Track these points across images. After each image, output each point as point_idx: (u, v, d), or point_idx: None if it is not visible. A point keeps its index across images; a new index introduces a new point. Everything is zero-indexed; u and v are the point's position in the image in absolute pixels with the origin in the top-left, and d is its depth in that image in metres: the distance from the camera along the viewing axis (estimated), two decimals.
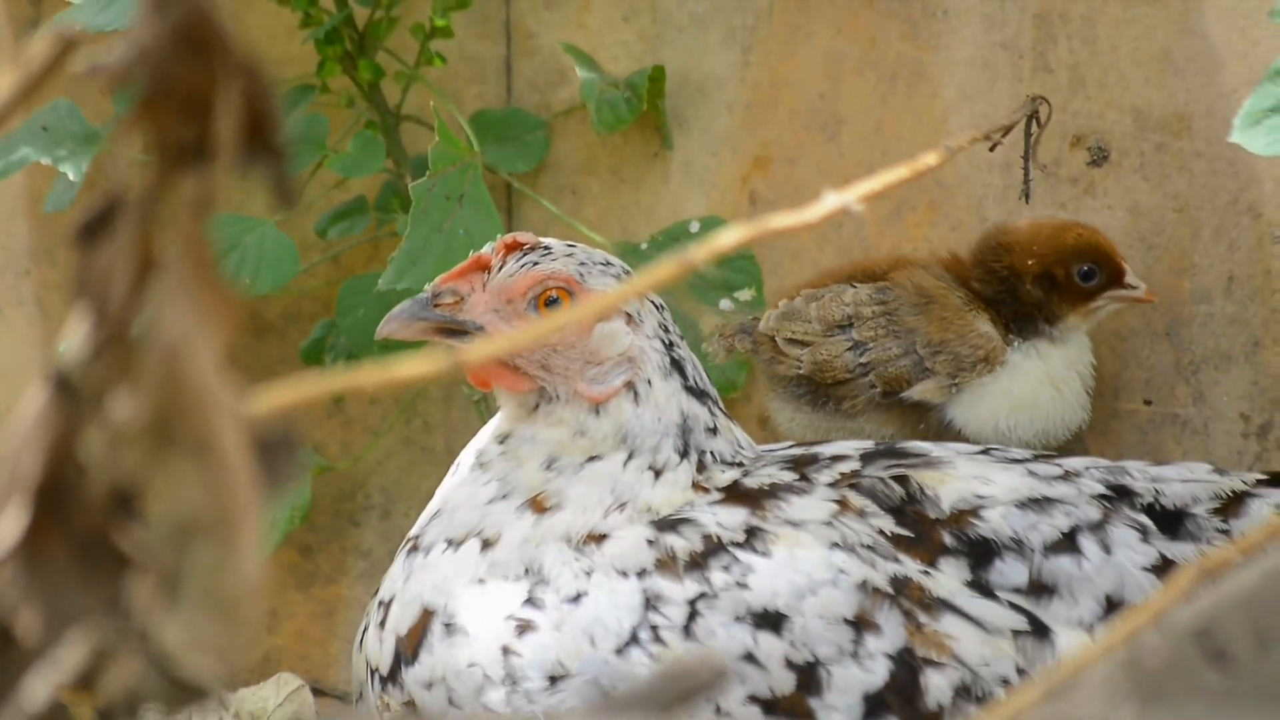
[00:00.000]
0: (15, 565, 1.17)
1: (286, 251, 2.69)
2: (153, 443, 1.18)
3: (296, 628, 2.98)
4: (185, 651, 1.18)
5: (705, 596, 2.16)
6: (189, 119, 1.18)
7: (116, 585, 1.18)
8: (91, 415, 1.18)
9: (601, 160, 2.89)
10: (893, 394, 2.51)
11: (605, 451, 2.25)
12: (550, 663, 2.15)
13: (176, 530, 1.19)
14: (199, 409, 1.19)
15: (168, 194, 1.18)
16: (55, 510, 1.18)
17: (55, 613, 1.17)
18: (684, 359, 2.30)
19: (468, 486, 2.28)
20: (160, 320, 1.18)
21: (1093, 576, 2.20)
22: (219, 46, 1.18)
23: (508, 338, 2.17)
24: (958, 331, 2.51)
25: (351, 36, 2.82)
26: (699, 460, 2.26)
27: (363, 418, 2.97)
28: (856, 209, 1.63)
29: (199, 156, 1.18)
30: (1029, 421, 2.51)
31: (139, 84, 1.17)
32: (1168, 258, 2.63)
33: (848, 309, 2.53)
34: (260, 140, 1.19)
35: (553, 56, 2.88)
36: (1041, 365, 2.53)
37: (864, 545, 2.19)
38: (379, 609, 2.26)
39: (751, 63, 2.82)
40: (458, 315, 2.26)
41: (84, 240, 1.17)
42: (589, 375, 2.26)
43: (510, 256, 2.27)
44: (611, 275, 2.28)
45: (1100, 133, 2.65)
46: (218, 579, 1.19)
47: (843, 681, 2.13)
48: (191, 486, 1.19)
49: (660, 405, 2.26)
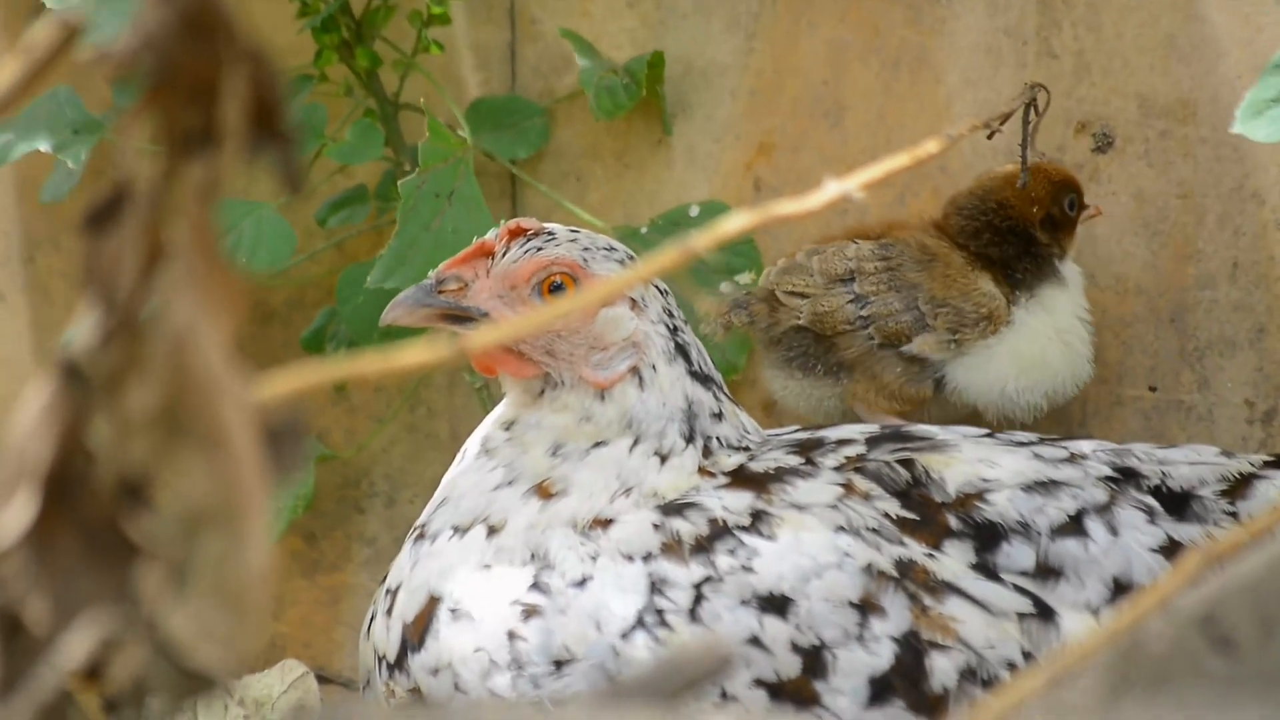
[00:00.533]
0: (24, 554, 1.17)
1: (283, 234, 2.69)
2: (161, 432, 1.18)
3: (301, 615, 2.98)
4: (193, 641, 1.18)
5: (710, 580, 2.16)
6: (195, 106, 1.18)
7: (124, 574, 1.18)
8: (100, 404, 1.18)
9: (605, 147, 2.89)
10: (890, 347, 2.52)
11: (610, 437, 2.25)
12: (556, 647, 2.15)
13: (184, 519, 1.19)
14: (207, 398, 1.18)
15: (175, 181, 1.18)
16: (64, 499, 1.18)
17: (63, 601, 1.17)
18: (688, 344, 2.30)
19: (473, 474, 2.28)
20: (168, 309, 1.18)
21: (1100, 559, 2.19)
22: (225, 33, 1.18)
23: (512, 324, 2.16)
24: (960, 289, 2.52)
25: (348, 25, 2.81)
26: (705, 445, 2.26)
27: (367, 405, 2.97)
28: (858, 196, 1.63)
29: (206, 143, 1.18)
30: (1040, 383, 2.53)
31: (145, 71, 1.17)
32: (1172, 244, 2.63)
33: (850, 263, 2.55)
34: (267, 126, 1.19)
35: (557, 43, 2.87)
36: (1048, 320, 2.54)
37: (869, 529, 2.19)
38: (386, 596, 2.26)
39: (755, 49, 2.81)
40: (462, 301, 2.25)
41: (92, 229, 1.17)
42: (594, 361, 2.26)
43: (514, 242, 2.27)
44: (615, 260, 2.28)
45: (1105, 119, 2.65)
46: (225, 568, 1.19)
47: (848, 664, 2.13)
48: (199, 475, 1.19)
49: (665, 390, 2.26)
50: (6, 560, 1.17)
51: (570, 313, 2.17)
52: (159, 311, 1.18)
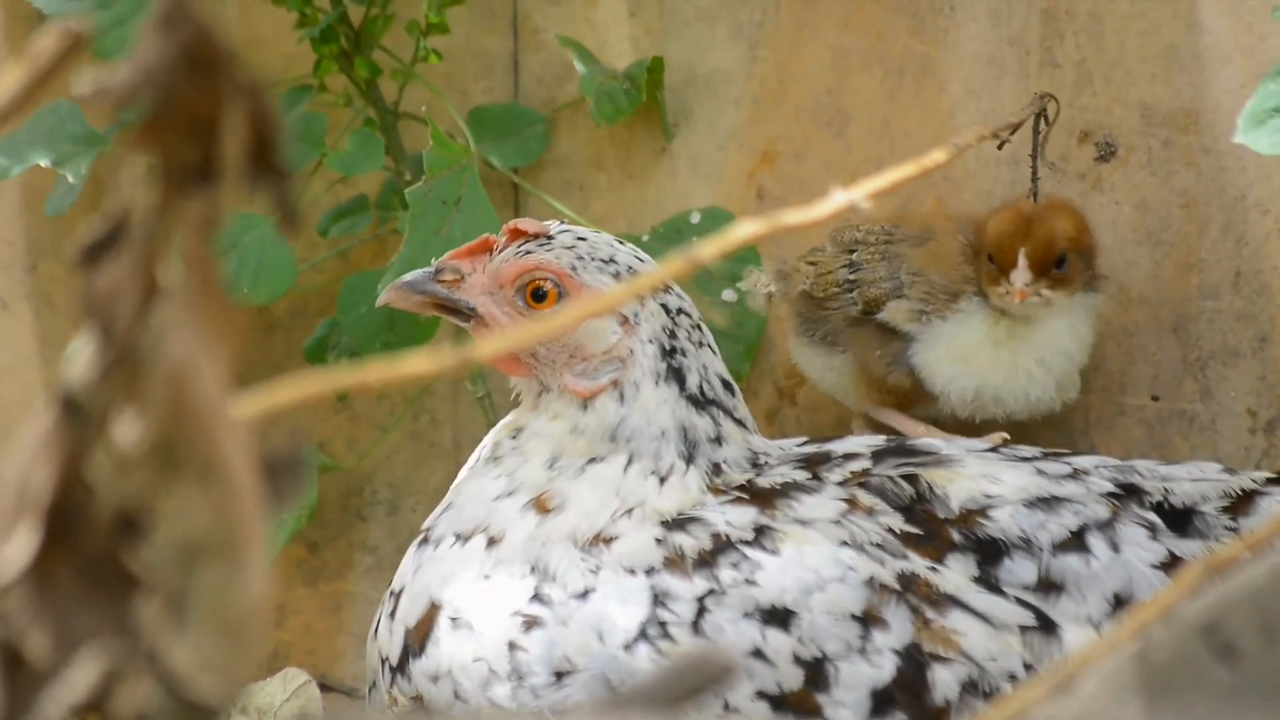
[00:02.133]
0: (26, 587, 1.17)
1: (284, 257, 2.69)
2: (159, 464, 1.18)
3: (303, 623, 2.99)
4: (193, 672, 1.19)
5: (714, 593, 2.16)
6: (194, 140, 1.18)
7: (125, 606, 1.18)
8: (99, 436, 1.18)
9: (608, 155, 2.89)
10: (870, 314, 2.55)
11: (602, 453, 2.25)
12: (557, 658, 2.15)
13: (183, 551, 1.19)
14: (205, 430, 1.19)
15: (173, 215, 1.18)
16: (64, 532, 1.18)
17: (64, 634, 1.17)
18: (686, 367, 2.29)
19: (478, 480, 2.29)
20: (166, 341, 1.18)
21: (1101, 575, 2.20)
22: (223, 67, 1.18)
23: (510, 334, 2.17)
24: (942, 267, 2.54)
25: (347, 35, 2.81)
26: (712, 467, 2.26)
27: (369, 414, 2.97)
28: (864, 206, 1.63)
29: (204, 177, 1.18)
30: (963, 377, 2.54)
31: (144, 105, 1.17)
32: (1175, 253, 2.63)
33: (858, 234, 2.60)
34: (264, 161, 1.19)
35: (560, 52, 2.87)
36: (987, 322, 2.53)
37: (872, 543, 2.19)
38: (390, 599, 2.28)
39: (758, 58, 2.81)
40: (454, 294, 2.28)
41: (89, 262, 1.17)
42: (575, 369, 2.27)
43: (513, 242, 2.28)
44: (609, 274, 2.28)
45: (1107, 128, 2.65)
46: (224, 599, 1.19)
47: (850, 677, 2.13)
48: (198, 507, 1.19)
49: (649, 410, 2.26)
50: (8, 594, 1.17)
51: (557, 328, 2.17)
52: (157, 344, 1.18)
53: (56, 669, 1.17)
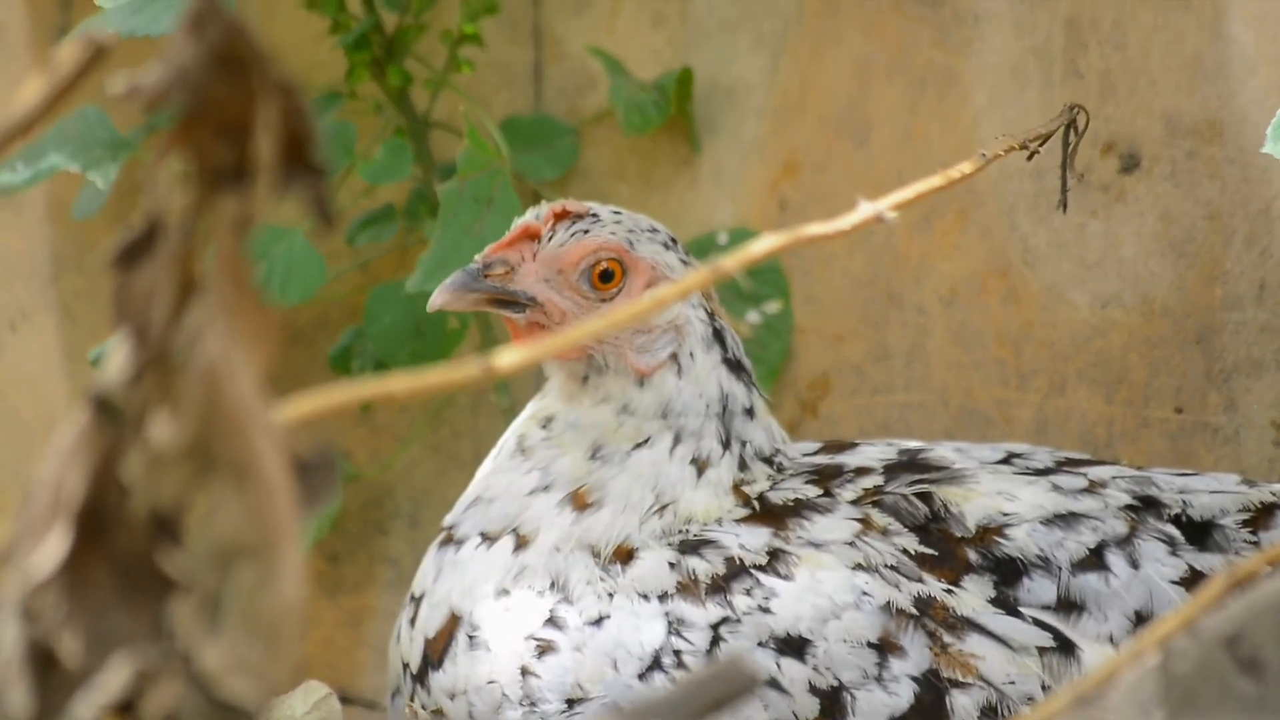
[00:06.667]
0: (59, 588, 1.17)
1: (313, 262, 2.69)
2: (193, 465, 1.18)
3: (324, 636, 2.98)
4: (226, 673, 1.18)
5: (728, 621, 2.15)
6: (228, 140, 1.18)
7: (158, 608, 1.18)
8: (133, 438, 1.18)
9: (630, 166, 2.89)
10: None
11: (651, 433, 2.24)
12: (569, 685, 2.14)
13: (217, 552, 1.19)
14: (239, 430, 1.18)
15: (207, 216, 1.18)
16: (97, 533, 1.18)
17: (97, 636, 1.17)
18: (724, 329, 2.29)
19: (508, 474, 2.27)
20: (201, 342, 1.18)
21: (1121, 593, 2.18)
22: (256, 66, 1.18)
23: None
24: None
25: (380, 43, 2.82)
26: (741, 455, 2.25)
27: (391, 425, 2.97)
28: (890, 217, 1.63)
29: (238, 178, 1.18)
30: None
31: (177, 105, 1.17)
32: (1199, 265, 2.62)
33: None
34: (299, 160, 1.19)
35: (581, 62, 2.87)
36: None
37: (887, 565, 2.17)
38: (410, 604, 2.26)
39: (780, 68, 2.81)
40: (509, 285, 2.23)
41: (123, 263, 1.17)
42: (637, 344, 2.24)
43: (560, 225, 2.25)
44: (659, 242, 2.27)
45: (1131, 139, 2.64)
46: (258, 601, 1.19)
47: (867, 705, 2.12)
48: (232, 508, 1.19)
49: (701, 380, 2.25)
50: (41, 594, 1.17)
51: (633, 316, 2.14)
52: (191, 345, 1.18)
53: (89, 669, 1.17)
